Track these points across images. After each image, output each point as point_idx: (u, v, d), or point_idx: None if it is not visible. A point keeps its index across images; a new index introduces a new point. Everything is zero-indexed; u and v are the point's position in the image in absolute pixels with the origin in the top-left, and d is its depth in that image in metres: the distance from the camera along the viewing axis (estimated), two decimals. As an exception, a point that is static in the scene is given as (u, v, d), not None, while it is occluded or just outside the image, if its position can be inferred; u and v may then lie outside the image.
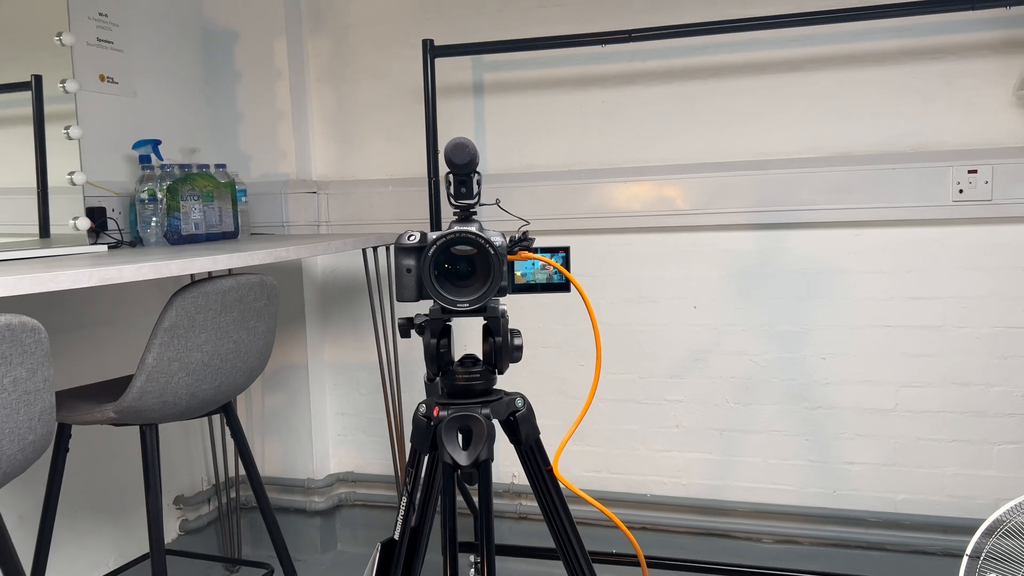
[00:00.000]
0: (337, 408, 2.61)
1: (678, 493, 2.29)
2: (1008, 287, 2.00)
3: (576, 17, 2.26)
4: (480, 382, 1.10)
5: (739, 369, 2.21)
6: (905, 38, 2.02)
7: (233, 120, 2.50)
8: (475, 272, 1.02)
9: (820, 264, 2.13)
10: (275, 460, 2.58)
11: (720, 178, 2.15)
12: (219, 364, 1.66)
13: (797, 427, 2.18)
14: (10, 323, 1.18)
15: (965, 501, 2.08)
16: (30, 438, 1.25)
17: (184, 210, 2.07)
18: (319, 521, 2.56)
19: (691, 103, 2.19)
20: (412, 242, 1.06)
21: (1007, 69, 1.96)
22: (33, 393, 1.24)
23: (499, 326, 1.08)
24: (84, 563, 2.11)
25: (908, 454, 2.11)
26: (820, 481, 2.18)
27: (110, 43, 2.17)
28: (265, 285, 1.75)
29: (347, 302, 2.56)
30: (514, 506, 2.41)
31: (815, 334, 2.14)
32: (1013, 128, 1.97)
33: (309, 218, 2.48)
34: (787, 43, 2.10)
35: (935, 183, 1.99)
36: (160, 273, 1.50)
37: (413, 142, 2.45)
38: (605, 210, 2.25)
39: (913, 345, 2.08)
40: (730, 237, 2.19)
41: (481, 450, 1.01)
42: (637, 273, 2.27)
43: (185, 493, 2.45)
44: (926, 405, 2.08)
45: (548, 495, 1.14)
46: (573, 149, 2.30)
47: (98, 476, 2.15)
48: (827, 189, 2.07)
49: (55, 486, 1.72)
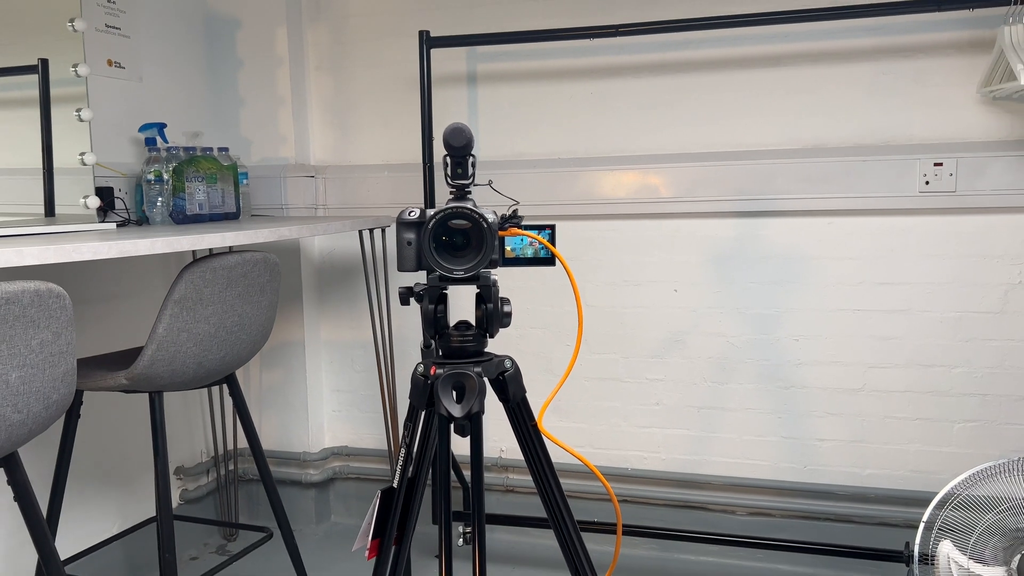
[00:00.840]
0: (332, 384, 2.71)
1: (658, 467, 2.41)
2: (970, 274, 2.12)
3: (567, 11, 2.36)
4: (473, 344, 1.21)
5: (717, 350, 2.33)
6: (877, 37, 2.13)
7: (235, 105, 2.59)
8: (470, 244, 1.12)
9: (794, 250, 2.24)
10: (272, 434, 2.68)
11: (701, 168, 2.26)
12: (224, 336, 1.76)
13: (771, 405, 2.30)
14: (39, 289, 1.28)
15: (927, 476, 2.21)
16: (54, 397, 1.35)
17: (189, 191, 2.17)
18: (314, 493, 2.67)
19: (675, 95, 2.30)
20: (412, 217, 1.16)
21: (972, 68, 2.07)
22: (58, 355, 1.33)
23: (491, 294, 1.19)
24: (90, 527, 2.20)
25: (875, 431, 2.23)
26: (792, 456, 2.30)
27: (118, 29, 2.26)
28: (268, 262, 1.85)
29: (343, 282, 2.66)
30: (502, 479, 2.52)
31: (789, 317, 2.26)
32: (977, 124, 2.08)
33: (307, 201, 2.58)
34: (766, 40, 2.21)
35: (903, 175, 2.11)
36: (172, 248, 1.60)
37: (408, 129, 2.55)
38: (592, 197, 2.36)
39: (880, 328, 2.20)
40: (710, 224, 2.30)
41: (473, 403, 1.12)
42: (621, 257, 2.38)
43: (185, 464, 2.55)
44: (892, 385, 2.20)
45: (533, 449, 1.25)
46: (562, 138, 2.40)
47: (102, 444, 2.24)
48: (802, 179, 2.18)
49: (67, 450, 1.81)
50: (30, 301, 1.26)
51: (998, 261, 2.10)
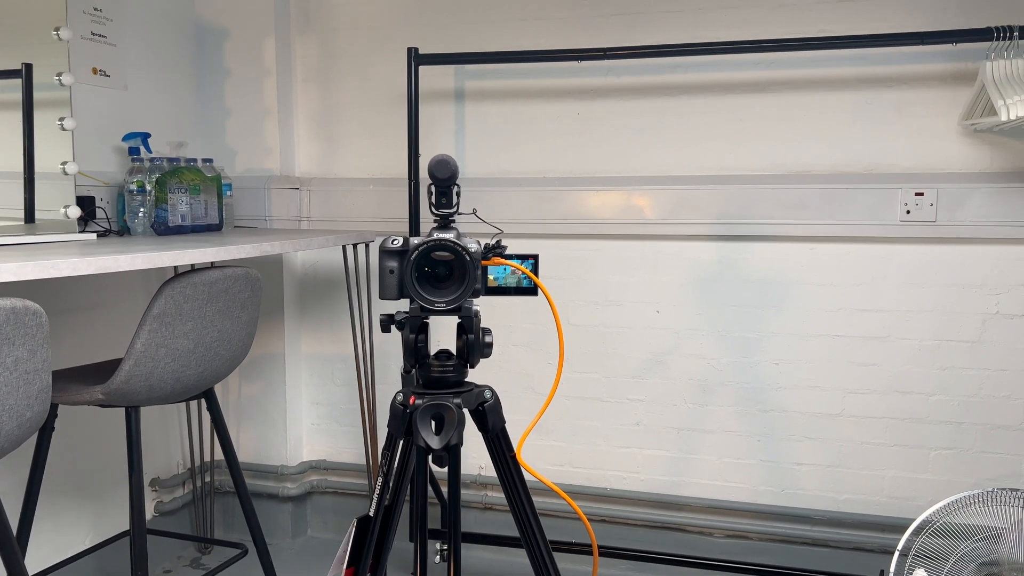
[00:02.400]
0: (312, 398, 2.69)
1: (636, 488, 2.41)
2: (948, 303, 2.14)
3: (555, 31, 2.37)
4: (453, 374, 1.21)
5: (697, 371, 2.34)
6: (861, 66, 2.15)
7: (221, 116, 2.58)
8: (452, 276, 1.12)
9: (776, 275, 2.26)
10: (250, 446, 2.66)
11: (685, 191, 2.27)
12: (203, 352, 1.74)
13: (750, 428, 2.31)
14: (15, 307, 1.26)
15: (903, 502, 2.22)
16: (28, 415, 1.33)
17: (171, 202, 2.15)
18: (291, 507, 2.65)
19: (661, 118, 2.31)
20: (395, 246, 1.16)
21: (954, 99, 2.10)
22: (32, 373, 1.32)
23: (472, 325, 1.19)
24: (60, 541, 2.17)
25: (852, 456, 2.24)
26: (770, 480, 2.31)
27: (103, 37, 2.24)
28: (250, 278, 1.84)
29: (325, 296, 2.65)
30: (480, 496, 2.52)
31: (769, 341, 2.27)
32: (958, 155, 2.11)
33: (291, 213, 2.57)
34: (752, 66, 2.23)
35: (884, 203, 2.13)
36: (153, 263, 1.59)
37: (394, 143, 2.54)
38: (576, 216, 2.36)
39: (859, 354, 2.21)
40: (693, 246, 2.31)
41: (452, 435, 1.11)
42: (605, 277, 2.39)
43: (161, 475, 2.52)
44: (870, 411, 2.22)
45: (511, 479, 1.25)
46: (548, 157, 2.41)
47: (76, 457, 2.21)
48: (784, 205, 2.20)
49: (40, 464, 1.79)
50: (5, 319, 1.24)
51: (976, 291, 2.12)
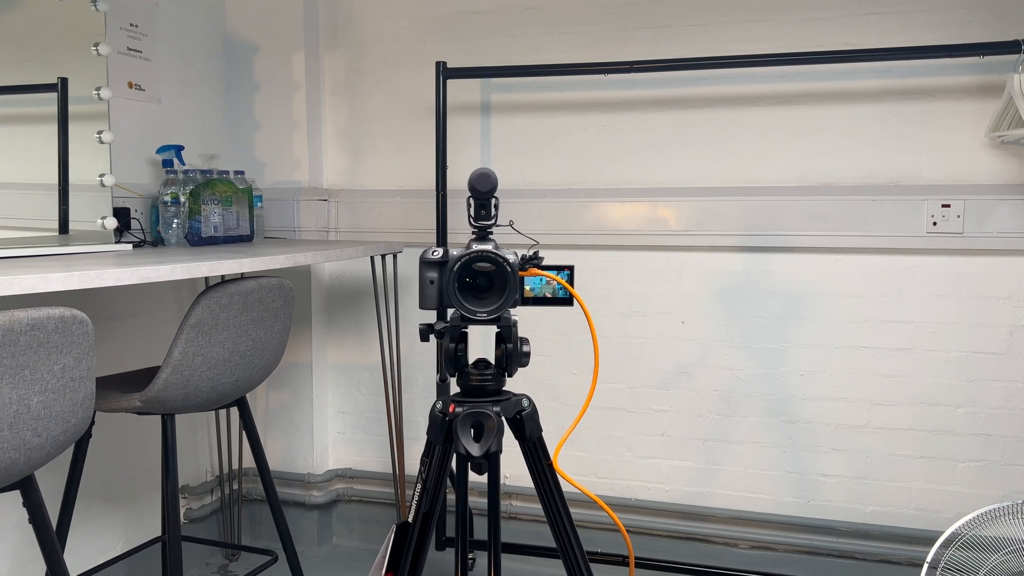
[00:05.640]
0: (338, 407, 2.72)
1: (661, 498, 2.42)
2: (975, 315, 2.14)
3: (580, 44, 2.40)
4: (492, 383, 1.23)
5: (723, 383, 2.34)
6: (887, 79, 2.16)
7: (251, 129, 2.62)
8: (493, 286, 1.15)
9: (801, 287, 2.26)
10: (277, 454, 2.69)
11: (710, 202, 2.28)
12: (238, 360, 1.77)
13: (775, 439, 2.31)
14: (63, 315, 1.29)
15: (930, 514, 2.22)
16: (72, 421, 1.36)
17: (204, 213, 2.19)
18: (317, 515, 2.67)
19: (686, 130, 2.33)
20: (436, 257, 1.19)
21: (982, 111, 2.10)
22: (78, 380, 1.35)
23: (511, 334, 1.21)
24: (94, 547, 2.21)
25: (878, 468, 2.24)
26: (796, 491, 2.31)
27: (139, 52, 2.29)
28: (283, 288, 1.87)
29: (352, 306, 2.68)
30: (506, 505, 2.53)
31: (794, 352, 2.28)
32: (985, 167, 2.11)
33: (319, 224, 2.60)
34: (777, 79, 2.24)
35: (911, 215, 2.13)
36: (191, 274, 1.62)
37: (421, 155, 2.58)
38: (602, 228, 2.38)
39: (886, 366, 2.21)
40: (718, 258, 2.32)
41: (491, 443, 1.13)
42: (629, 288, 2.40)
43: (190, 483, 2.56)
44: (896, 422, 2.22)
45: (548, 488, 1.26)
46: (573, 169, 2.43)
47: (111, 463, 2.25)
48: (810, 217, 2.21)
49: (77, 471, 1.82)
50: (55, 327, 1.28)
51: (1004, 303, 2.12)
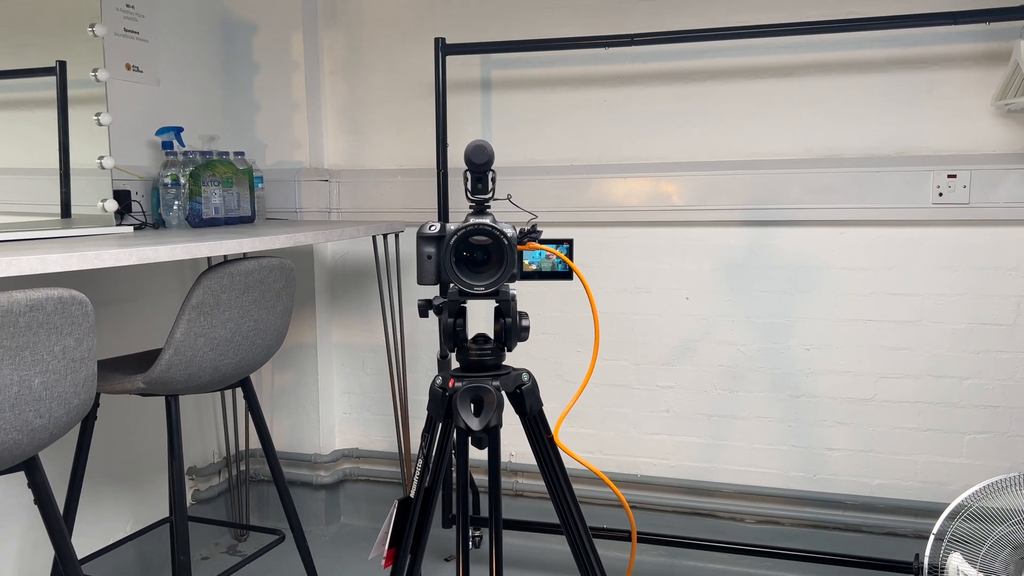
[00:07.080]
0: (343, 387, 2.72)
1: (666, 474, 2.42)
2: (982, 286, 2.12)
3: (580, 18, 2.37)
4: (491, 357, 1.22)
5: (727, 358, 2.34)
6: (891, 48, 2.13)
7: (250, 109, 2.61)
8: (490, 260, 1.14)
9: (806, 260, 2.25)
10: (283, 435, 2.70)
11: (714, 176, 2.27)
12: (240, 340, 1.77)
13: (781, 414, 2.31)
14: (62, 296, 1.29)
15: (936, 486, 2.21)
16: (75, 402, 1.37)
17: (205, 195, 2.18)
18: (324, 494, 2.68)
19: (688, 104, 2.31)
20: (433, 231, 1.18)
21: (987, 80, 2.07)
22: (79, 361, 1.35)
23: (510, 308, 1.20)
24: (103, 527, 2.22)
25: (884, 441, 2.23)
26: (802, 465, 2.31)
27: (136, 33, 2.28)
28: (284, 268, 1.86)
29: (355, 286, 2.67)
30: (511, 483, 2.54)
31: (800, 326, 2.27)
32: (991, 136, 2.09)
33: (321, 205, 2.59)
34: (780, 50, 2.22)
35: (916, 186, 2.11)
36: (191, 254, 1.62)
37: (421, 134, 2.56)
38: (604, 204, 2.37)
39: (892, 338, 2.20)
40: (722, 232, 2.31)
41: (491, 417, 1.13)
42: (633, 264, 2.39)
43: (197, 464, 2.57)
44: (902, 395, 2.21)
45: (549, 462, 1.26)
46: (575, 145, 2.41)
47: (117, 445, 2.26)
48: (814, 189, 2.19)
49: (83, 452, 1.83)
50: (54, 308, 1.28)
51: (1011, 273, 2.10)
